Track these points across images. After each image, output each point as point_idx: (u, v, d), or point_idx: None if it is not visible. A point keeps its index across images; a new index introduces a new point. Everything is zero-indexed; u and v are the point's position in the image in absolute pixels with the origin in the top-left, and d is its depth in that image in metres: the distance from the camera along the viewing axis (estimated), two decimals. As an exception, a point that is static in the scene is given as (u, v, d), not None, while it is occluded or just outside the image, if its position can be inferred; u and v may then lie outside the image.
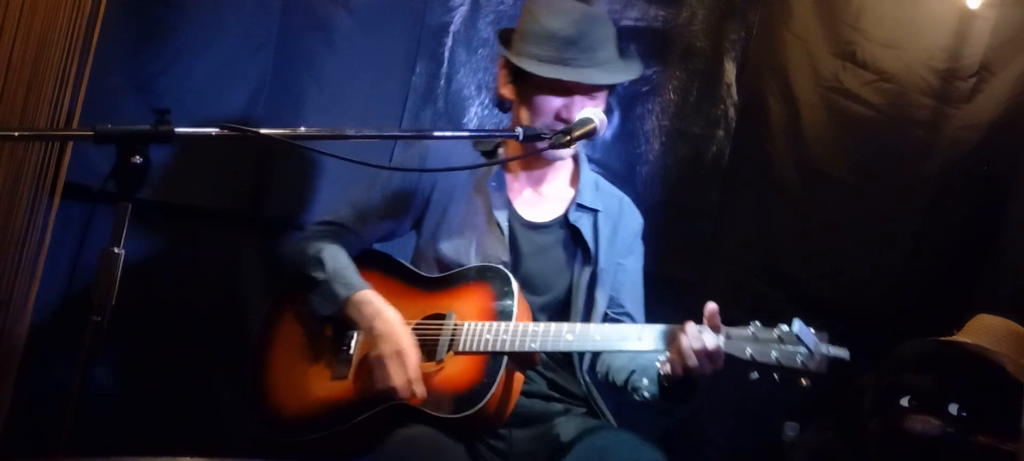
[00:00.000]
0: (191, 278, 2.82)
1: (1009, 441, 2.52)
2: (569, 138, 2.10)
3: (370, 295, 2.21)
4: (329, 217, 2.41)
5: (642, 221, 2.53)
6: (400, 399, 2.10)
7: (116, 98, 2.56)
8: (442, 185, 2.38)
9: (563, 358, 2.36)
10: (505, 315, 2.16)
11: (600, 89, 2.31)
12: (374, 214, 2.39)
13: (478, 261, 2.27)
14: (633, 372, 2.23)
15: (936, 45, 3.26)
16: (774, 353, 1.95)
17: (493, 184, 2.37)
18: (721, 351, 1.97)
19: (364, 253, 2.39)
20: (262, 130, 1.74)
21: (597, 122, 2.16)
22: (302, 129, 1.76)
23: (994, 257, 3.20)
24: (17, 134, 2.16)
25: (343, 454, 2.27)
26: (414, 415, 2.12)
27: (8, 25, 2.30)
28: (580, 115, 2.19)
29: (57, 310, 2.57)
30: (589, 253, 2.36)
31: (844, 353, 1.96)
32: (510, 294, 2.18)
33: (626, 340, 2.13)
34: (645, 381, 2.17)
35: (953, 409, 2.69)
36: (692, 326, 1.99)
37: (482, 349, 2.12)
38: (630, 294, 2.43)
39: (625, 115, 3.31)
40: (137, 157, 1.51)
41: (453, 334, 2.17)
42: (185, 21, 2.65)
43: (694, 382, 2.03)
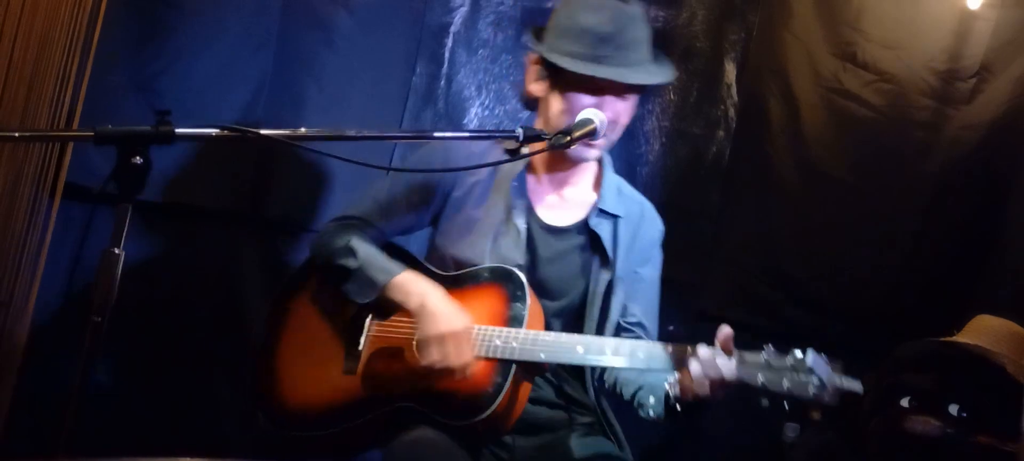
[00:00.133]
0: (191, 278, 2.82)
1: (1009, 441, 2.52)
2: (569, 138, 2.06)
3: (410, 275, 2.18)
4: (350, 212, 2.37)
5: (662, 228, 2.48)
6: (457, 375, 2.07)
7: (116, 98, 2.56)
8: (463, 182, 2.34)
9: (573, 367, 2.32)
10: (516, 320, 2.13)
11: (632, 90, 2.25)
12: (395, 208, 2.35)
13: (493, 262, 2.24)
14: (640, 388, 2.20)
15: (936, 46, 3.26)
16: (786, 382, 1.91)
17: (515, 184, 2.32)
18: (734, 376, 1.93)
19: (382, 246, 2.34)
20: (262, 131, 1.73)
21: (597, 122, 2.14)
22: (302, 129, 1.75)
23: (994, 257, 3.20)
24: (17, 135, 2.16)
25: (346, 450, 2.27)
26: (419, 417, 2.11)
27: (9, 25, 2.30)
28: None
29: (57, 311, 2.57)
30: (607, 260, 2.32)
31: (857, 385, 1.92)
32: (522, 298, 2.15)
33: (636, 358, 2.07)
34: (652, 400, 2.14)
35: (953, 409, 2.69)
36: (705, 351, 1.95)
37: (491, 355, 2.09)
38: (644, 303, 2.39)
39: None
40: (137, 158, 1.50)
41: None
42: (185, 21, 2.65)
43: (701, 405, 1.99)
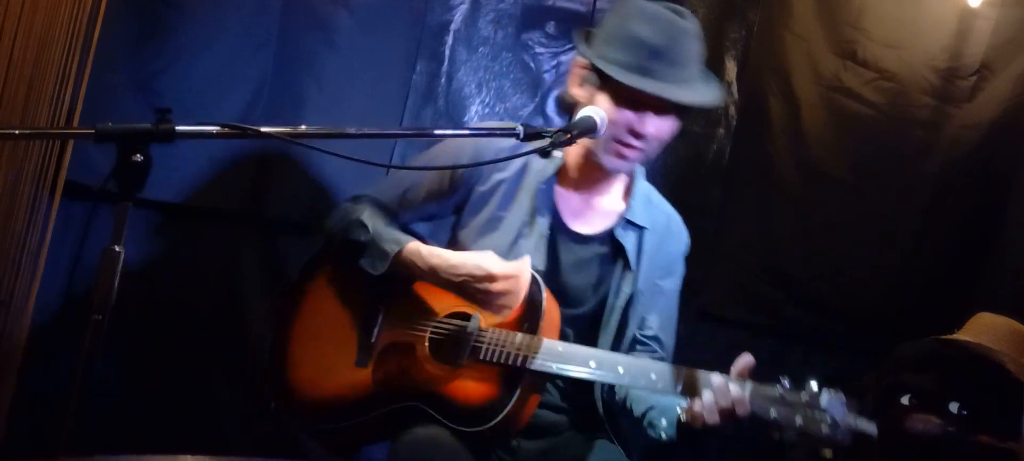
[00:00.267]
0: (191, 278, 2.81)
1: (1010, 440, 2.53)
2: (570, 136, 2.00)
3: (420, 247, 2.17)
4: (367, 192, 2.35)
5: (688, 241, 2.43)
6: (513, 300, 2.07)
7: (117, 97, 2.55)
8: (488, 179, 2.30)
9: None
10: (531, 327, 2.10)
11: (675, 109, 2.17)
12: (415, 194, 2.32)
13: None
14: (652, 408, 2.15)
15: (937, 44, 3.27)
16: (799, 419, 1.87)
17: (543, 187, 2.27)
18: (747, 409, 1.90)
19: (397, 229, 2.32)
20: (262, 129, 1.73)
21: (598, 120, 2.12)
22: (303, 128, 1.75)
23: (994, 257, 3.21)
24: (18, 133, 2.16)
25: (352, 445, 2.27)
26: (426, 416, 2.10)
27: (9, 24, 2.30)
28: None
29: (57, 310, 2.56)
30: (629, 271, 2.27)
31: (872, 428, 1.89)
32: (538, 302, 2.12)
33: (648, 380, 2.03)
34: (664, 422, 2.09)
35: (954, 408, 2.69)
36: (718, 379, 1.93)
37: (502, 362, 2.07)
38: (663, 316, 2.33)
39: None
40: (138, 156, 1.50)
41: (476, 340, 2.13)
42: (185, 20, 2.65)
43: (711, 432, 1.96)
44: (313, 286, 2.34)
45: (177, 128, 1.55)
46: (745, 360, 1.94)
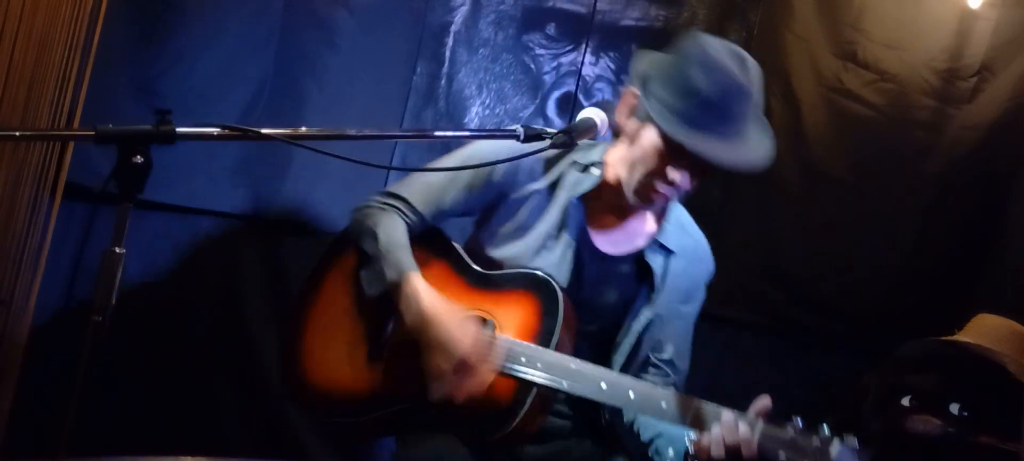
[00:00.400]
0: (191, 279, 2.82)
1: (1010, 441, 2.53)
2: (570, 137, 1.98)
3: (418, 285, 2.10)
4: (399, 189, 2.30)
5: (712, 269, 2.40)
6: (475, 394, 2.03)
7: (117, 98, 2.55)
8: (521, 188, 2.26)
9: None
10: (545, 339, 2.07)
11: (715, 169, 2.08)
12: (446, 195, 2.27)
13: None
14: (660, 435, 2.13)
15: (937, 45, 3.27)
16: None
17: (574, 202, 2.23)
18: (754, 451, 1.85)
19: (421, 233, 2.29)
20: (263, 131, 1.73)
21: (598, 122, 2.09)
22: (303, 129, 1.74)
23: (994, 257, 3.21)
24: (18, 134, 2.15)
25: (362, 436, 2.26)
26: (434, 417, 2.09)
27: (9, 25, 2.29)
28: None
29: (58, 310, 2.57)
30: (652, 294, 2.24)
31: None
32: (554, 314, 2.09)
33: (657, 409, 1.98)
34: (671, 452, 2.06)
35: (954, 409, 2.69)
36: (728, 415, 1.89)
37: (514, 374, 2.05)
38: (679, 342, 2.30)
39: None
40: (138, 157, 1.50)
41: None
42: (186, 22, 2.64)
43: None
44: (331, 276, 2.32)
45: (178, 130, 1.55)
46: (763, 402, 1.89)
